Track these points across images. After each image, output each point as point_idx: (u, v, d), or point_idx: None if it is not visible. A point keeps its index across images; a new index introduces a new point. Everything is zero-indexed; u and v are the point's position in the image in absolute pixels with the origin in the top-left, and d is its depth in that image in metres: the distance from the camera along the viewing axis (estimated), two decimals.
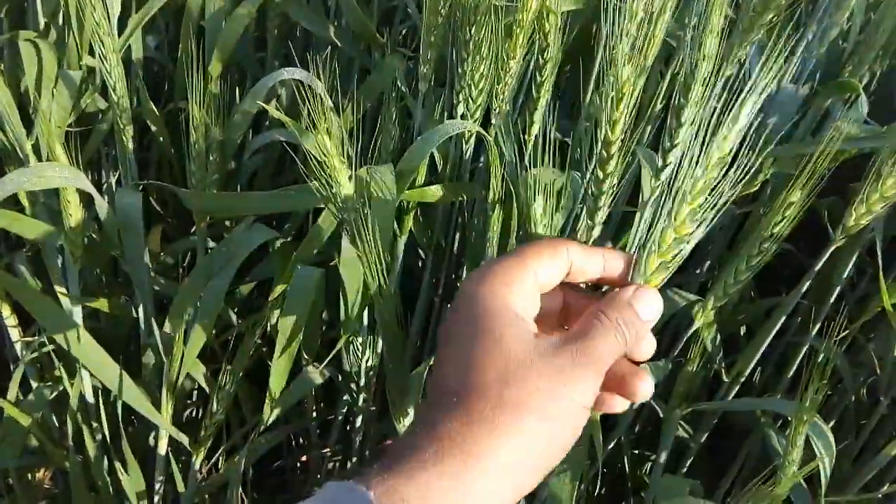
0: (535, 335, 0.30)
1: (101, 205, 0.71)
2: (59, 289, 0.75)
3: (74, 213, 0.70)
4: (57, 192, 0.70)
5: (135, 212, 0.71)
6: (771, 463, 0.67)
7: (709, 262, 0.87)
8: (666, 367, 0.63)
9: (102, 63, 0.71)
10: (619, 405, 0.34)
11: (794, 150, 0.70)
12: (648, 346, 0.33)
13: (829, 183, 0.92)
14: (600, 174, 0.58)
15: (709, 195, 0.34)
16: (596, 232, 0.63)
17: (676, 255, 0.34)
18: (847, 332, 0.63)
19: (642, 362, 0.34)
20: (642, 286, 0.33)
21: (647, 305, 0.32)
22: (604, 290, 0.37)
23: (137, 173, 1.04)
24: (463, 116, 0.66)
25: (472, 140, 0.69)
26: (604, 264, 0.33)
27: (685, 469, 0.79)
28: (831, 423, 0.79)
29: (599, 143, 0.57)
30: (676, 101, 0.53)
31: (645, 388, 0.32)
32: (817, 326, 0.71)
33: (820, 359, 0.65)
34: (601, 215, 0.60)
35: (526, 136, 0.71)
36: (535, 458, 0.29)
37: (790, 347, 0.83)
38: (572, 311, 0.35)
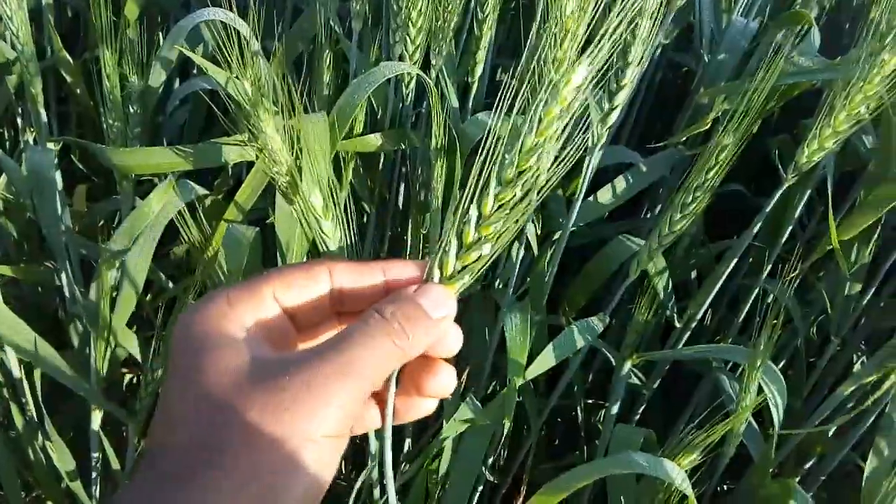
0: (261, 358, 0.24)
1: (8, 164, 0.66)
2: None
3: None
4: None
5: (47, 171, 0.65)
6: (723, 407, 0.66)
7: (660, 206, 0.85)
8: (604, 319, 0.61)
9: (3, 6, 0.64)
10: (413, 411, 0.27)
11: (739, 87, 0.68)
12: (454, 340, 0.26)
13: (779, 121, 0.91)
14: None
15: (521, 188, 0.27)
16: (543, 178, 0.60)
17: (479, 259, 0.27)
18: (798, 272, 0.63)
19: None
20: (429, 283, 0.27)
21: (435, 300, 0.25)
22: None
23: (57, 129, 0.97)
24: (401, 58, 0.61)
25: (413, 84, 0.65)
26: (385, 277, 0.27)
27: (637, 415, 0.78)
28: (781, 364, 0.79)
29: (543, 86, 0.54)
30: (623, 39, 0.49)
31: (439, 383, 0.26)
32: (767, 269, 0.70)
33: (770, 300, 0.64)
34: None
35: (469, 79, 0.67)
36: None
37: (741, 289, 0.82)
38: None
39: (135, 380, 0.97)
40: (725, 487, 0.85)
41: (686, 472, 0.45)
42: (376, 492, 0.58)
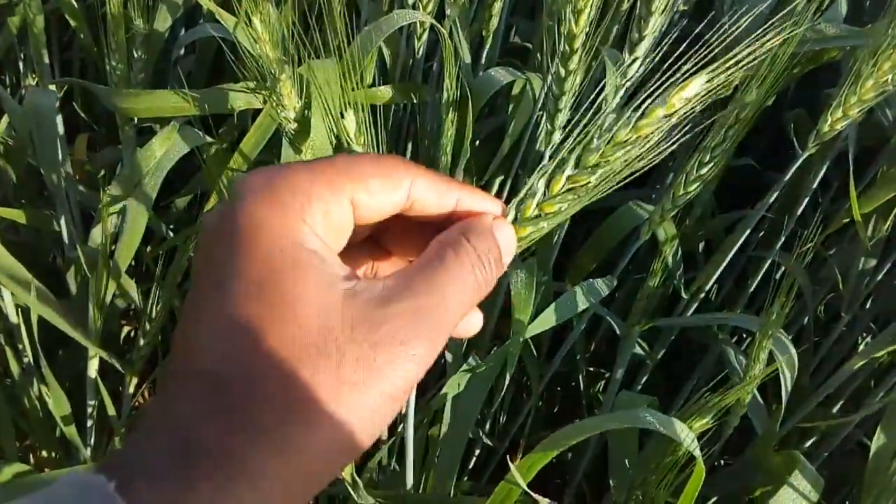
0: (347, 280, 0.20)
1: (10, 104, 0.64)
2: None
3: None
4: None
5: (49, 113, 0.64)
6: (726, 380, 0.65)
7: (672, 174, 0.83)
8: (611, 282, 0.60)
9: None
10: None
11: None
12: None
13: (792, 97, 0.89)
14: (562, 72, 0.53)
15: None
16: (556, 137, 0.59)
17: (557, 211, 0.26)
18: (811, 244, 0.61)
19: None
20: (502, 220, 0.24)
21: (508, 240, 0.24)
22: None
23: (59, 76, 0.95)
24: (414, 8, 0.59)
25: (425, 36, 0.63)
26: (456, 204, 0.24)
27: (640, 387, 0.77)
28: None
29: (562, 38, 0.52)
30: None
31: (470, 324, 0.24)
32: (780, 241, 0.68)
33: (780, 274, 0.63)
34: (562, 118, 0.56)
35: (484, 33, 0.65)
36: (328, 464, 0.20)
37: (751, 263, 0.81)
38: (395, 233, 0.25)
39: (132, 333, 0.96)
40: (722, 463, 0.85)
41: (696, 436, 0.44)
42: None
